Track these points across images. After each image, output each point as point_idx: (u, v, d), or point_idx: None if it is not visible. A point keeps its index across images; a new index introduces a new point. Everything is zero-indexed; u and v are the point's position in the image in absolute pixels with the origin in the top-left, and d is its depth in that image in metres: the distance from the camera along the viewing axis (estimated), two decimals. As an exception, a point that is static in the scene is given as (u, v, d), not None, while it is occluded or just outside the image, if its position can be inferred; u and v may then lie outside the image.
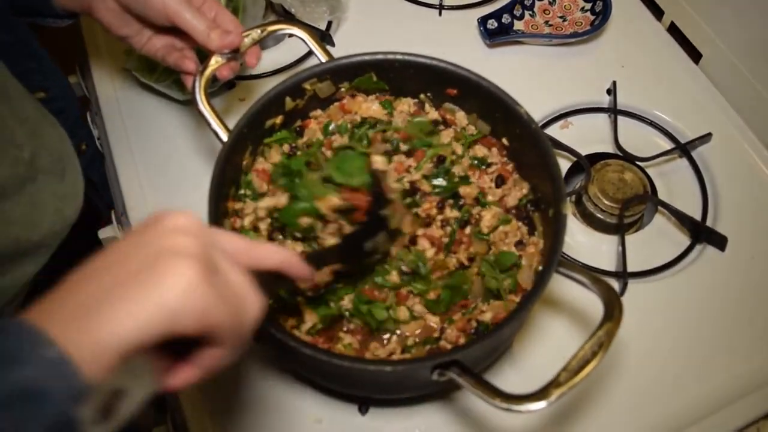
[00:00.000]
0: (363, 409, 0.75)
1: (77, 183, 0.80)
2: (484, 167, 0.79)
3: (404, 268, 0.73)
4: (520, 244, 0.74)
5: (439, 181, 0.78)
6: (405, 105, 0.82)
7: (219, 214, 0.69)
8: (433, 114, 0.82)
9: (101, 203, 1.05)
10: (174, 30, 0.74)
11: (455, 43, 1.04)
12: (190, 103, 0.96)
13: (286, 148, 0.80)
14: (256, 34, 0.77)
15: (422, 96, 0.82)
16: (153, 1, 0.71)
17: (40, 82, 0.84)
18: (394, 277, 0.72)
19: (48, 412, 0.37)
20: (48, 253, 0.76)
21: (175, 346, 0.45)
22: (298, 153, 0.80)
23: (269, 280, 0.51)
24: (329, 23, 1.05)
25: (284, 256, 0.52)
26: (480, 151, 0.80)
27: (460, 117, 0.81)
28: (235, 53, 0.76)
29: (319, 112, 0.82)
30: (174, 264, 0.42)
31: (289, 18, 1.05)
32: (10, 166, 0.68)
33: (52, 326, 0.39)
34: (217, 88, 0.97)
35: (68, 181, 0.78)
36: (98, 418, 0.38)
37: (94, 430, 0.38)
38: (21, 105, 0.73)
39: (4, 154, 0.67)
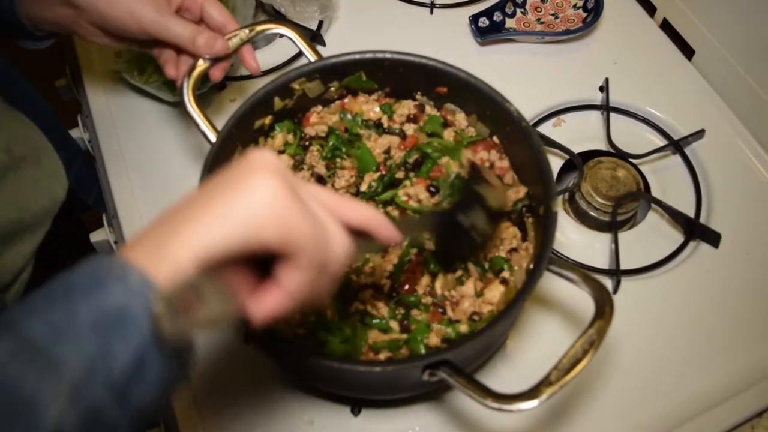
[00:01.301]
0: (355, 411, 0.75)
1: (56, 165, 0.84)
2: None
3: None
4: (513, 251, 0.74)
5: None
6: (405, 108, 0.82)
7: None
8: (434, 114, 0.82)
9: (78, 204, 1.06)
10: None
11: (447, 41, 1.04)
12: (180, 105, 0.96)
13: (290, 138, 0.80)
14: (244, 34, 0.77)
15: (419, 96, 0.81)
16: (127, 24, 0.70)
17: None
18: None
19: (133, 334, 0.39)
20: (42, 231, 0.82)
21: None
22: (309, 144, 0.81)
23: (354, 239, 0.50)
24: (320, 23, 1.05)
25: (372, 213, 0.51)
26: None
27: (460, 118, 0.81)
28: (224, 57, 0.76)
29: (320, 108, 0.82)
30: (258, 176, 0.43)
31: (279, 18, 1.05)
32: None
33: (134, 254, 0.41)
34: (208, 89, 0.97)
35: (45, 164, 0.81)
36: (175, 312, 0.39)
37: (173, 324, 0.39)
38: None
39: None
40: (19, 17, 0.73)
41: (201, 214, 0.42)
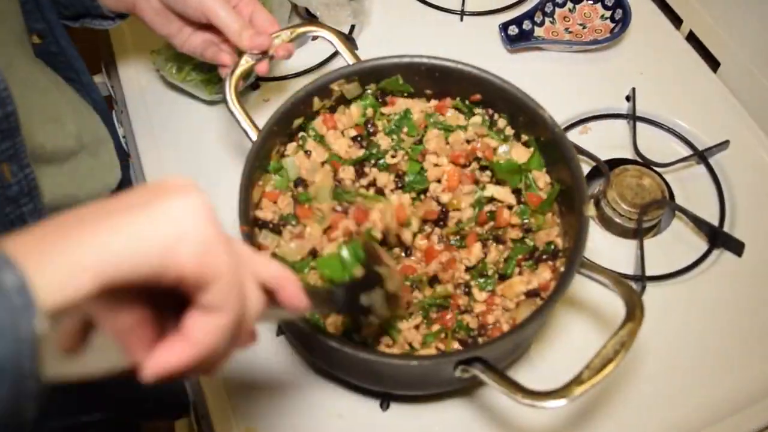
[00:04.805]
0: (384, 405, 0.76)
1: (112, 156, 0.89)
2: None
3: None
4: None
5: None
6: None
7: (249, 207, 0.71)
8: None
9: None
10: (211, 27, 0.78)
11: (476, 48, 1.05)
12: (217, 103, 0.99)
13: (369, 111, 0.82)
14: (285, 35, 0.79)
15: (457, 102, 0.83)
16: (189, 1, 0.76)
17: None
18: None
19: None
20: None
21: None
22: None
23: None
24: (352, 27, 1.07)
25: (283, 272, 0.47)
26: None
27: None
28: (264, 54, 0.78)
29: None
30: (182, 193, 0.39)
31: (312, 21, 1.07)
32: (62, 138, 0.76)
33: (17, 248, 0.33)
34: (243, 89, 0.99)
35: (102, 155, 0.87)
36: (60, 350, 0.33)
37: (55, 367, 0.33)
38: (65, 87, 0.82)
39: (56, 125, 0.76)
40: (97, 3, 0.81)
41: (114, 222, 0.36)
